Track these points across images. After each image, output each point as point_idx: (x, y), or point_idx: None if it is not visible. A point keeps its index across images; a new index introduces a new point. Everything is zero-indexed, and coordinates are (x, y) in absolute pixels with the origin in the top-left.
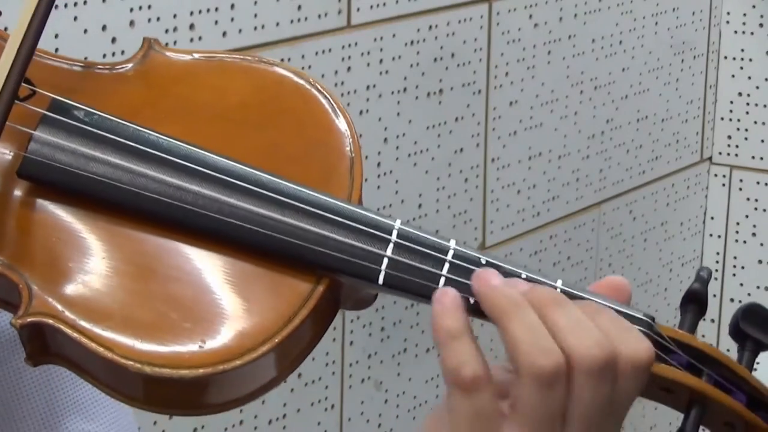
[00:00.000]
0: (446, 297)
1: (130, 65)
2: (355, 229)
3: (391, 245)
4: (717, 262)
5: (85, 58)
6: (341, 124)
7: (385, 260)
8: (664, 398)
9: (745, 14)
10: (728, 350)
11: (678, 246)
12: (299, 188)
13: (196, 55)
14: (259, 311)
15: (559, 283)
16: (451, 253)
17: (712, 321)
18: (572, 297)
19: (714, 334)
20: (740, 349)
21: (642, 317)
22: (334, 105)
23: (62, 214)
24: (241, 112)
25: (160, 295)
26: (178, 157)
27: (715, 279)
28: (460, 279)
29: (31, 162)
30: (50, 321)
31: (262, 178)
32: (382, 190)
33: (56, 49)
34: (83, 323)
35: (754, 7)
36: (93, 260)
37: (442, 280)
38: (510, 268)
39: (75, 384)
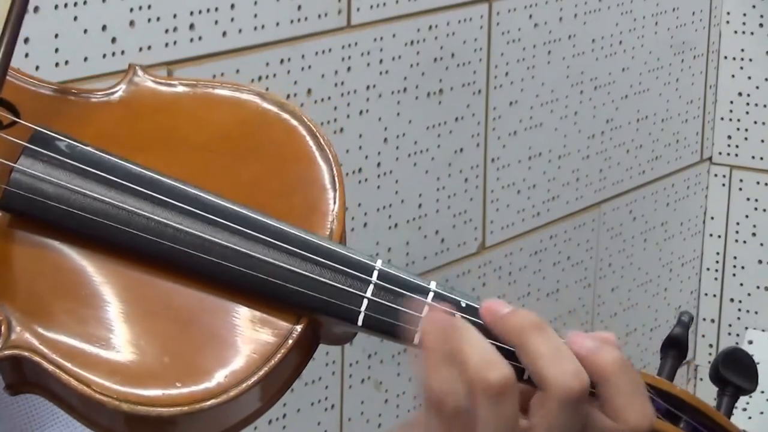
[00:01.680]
0: (435, 318)
1: (114, 92)
2: (335, 269)
3: (371, 286)
4: (717, 262)
5: (85, 59)
6: (325, 158)
7: (365, 301)
8: None
9: (745, 14)
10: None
11: (678, 246)
12: (280, 226)
13: (181, 86)
14: (239, 350)
15: None
16: (431, 295)
17: (712, 321)
18: None
19: (714, 335)
20: (720, 394)
21: None
22: (319, 138)
23: (43, 247)
24: (223, 144)
25: (140, 332)
26: (161, 192)
27: (715, 279)
28: None
29: (12, 194)
30: (28, 354)
31: (243, 215)
32: (382, 190)
33: (56, 50)
34: (61, 359)
35: (754, 7)
36: (74, 295)
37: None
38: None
39: None
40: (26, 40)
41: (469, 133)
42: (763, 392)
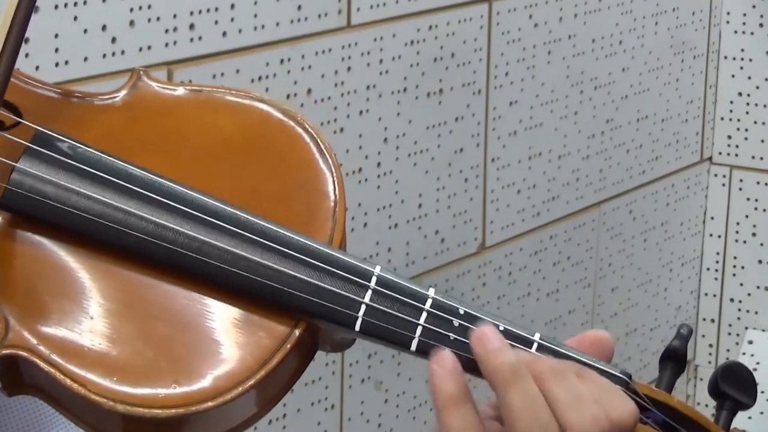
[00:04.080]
0: (446, 360)
1: (117, 95)
2: (334, 274)
3: (369, 292)
4: (717, 262)
5: (85, 59)
6: (326, 165)
7: (363, 307)
8: None
9: (745, 14)
10: (728, 351)
11: (678, 246)
12: (280, 230)
13: (183, 89)
14: (236, 353)
15: (536, 337)
16: (429, 302)
17: (713, 321)
18: (553, 353)
19: (714, 335)
20: (719, 408)
21: (619, 375)
22: (320, 145)
23: (42, 246)
24: (225, 148)
25: (137, 333)
26: (161, 194)
27: (715, 279)
28: (436, 329)
29: (13, 193)
30: (25, 354)
31: (243, 219)
32: (382, 190)
33: (56, 50)
34: (58, 359)
35: (754, 7)
36: (72, 295)
37: (419, 329)
38: (489, 319)
39: None
40: (26, 40)
41: (469, 133)
42: (763, 392)
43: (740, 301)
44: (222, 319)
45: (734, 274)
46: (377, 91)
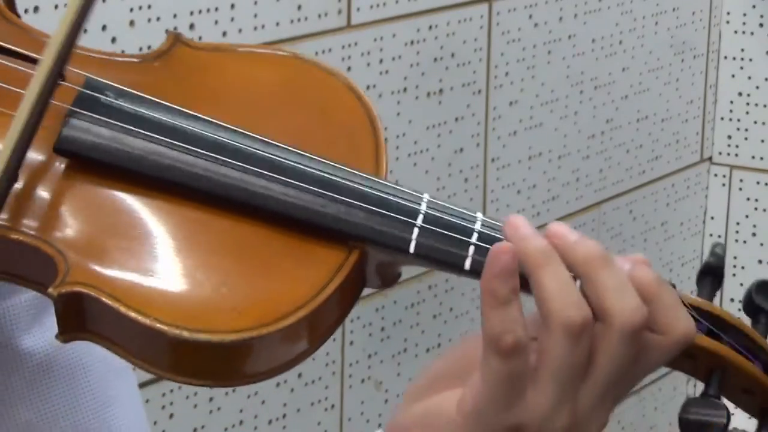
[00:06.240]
0: (503, 258)
1: (155, 56)
2: (386, 200)
3: (420, 215)
4: None
5: None
6: (367, 110)
7: (416, 230)
8: (686, 365)
9: (745, 14)
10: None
11: (678, 246)
12: (331, 163)
13: (220, 49)
14: (293, 280)
15: None
16: (479, 223)
17: None
18: None
19: None
20: (753, 324)
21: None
22: (359, 93)
23: (98, 188)
24: (268, 98)
25: (195, 264)
26: (214, 132)
27: None
28: (488, 246)
29: (68, 137)
30: (87, 291)
31: (295, 155)
32: None
33: None
34: (120, 290)
35: (754, 7)
36: (129, 232)
37: (471, 248)
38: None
39: (104, 412)
40: None
41: (469, 133)
42: None
43: (740, 301)
44: (280, 249)
45: (734, 274)
46: (377, 91)
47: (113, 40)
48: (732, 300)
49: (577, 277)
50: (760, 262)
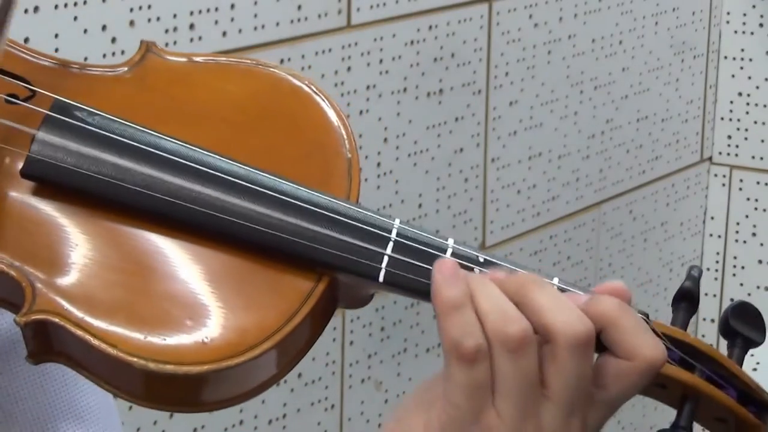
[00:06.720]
0: (446, 266)
1: (127, 67)
2: (355, 227)
3: (391, 243)
4: (717, 262)
5: (85, 59)
6: (338, 125)
7: (386, 258)
8: (659, 394)
9: (745, 14)
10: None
11: (678, 246)
12: (299, 188)
13: (195, 58)
14: (262, 309)
15: (555, 281)
16: (449, 251)
17: (712, 321)
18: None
19: (714, 334)
20: (730, 346)
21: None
22: (332, 107)
23: (65, 213)
24: (238, 114)
25: (163, 293)
26: (180, 156)
27: (715, 279)
28: None
29: (35, 162)
30: (54, 318)
31: (263, 178)
32: (382, 190)
33: (56, 50)
34: (87, 320)
35: (754, 7)
36: (96, 258)
37: None
38: (509, 266)
39: (69, 390)
40: (26, 40)
41: (469, 133)
42: None
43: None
44: (247, 276)
45: (734, 274)
46: (377, 91)
47: (113, 40)
48: (732, 300)
49: (515, 304)
50: (760, 262)
